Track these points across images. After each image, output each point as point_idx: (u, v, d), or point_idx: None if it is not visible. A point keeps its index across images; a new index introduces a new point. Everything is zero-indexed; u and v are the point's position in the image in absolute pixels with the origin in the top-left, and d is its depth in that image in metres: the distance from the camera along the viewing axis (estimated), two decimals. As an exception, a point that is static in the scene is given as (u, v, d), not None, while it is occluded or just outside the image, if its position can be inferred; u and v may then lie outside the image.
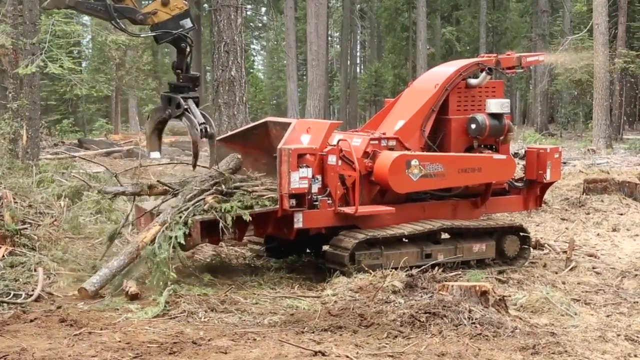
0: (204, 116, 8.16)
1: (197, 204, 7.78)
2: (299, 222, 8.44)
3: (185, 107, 8.05)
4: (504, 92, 10.51)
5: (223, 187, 8.18)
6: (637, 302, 8.48)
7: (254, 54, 60.00)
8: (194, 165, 8.58)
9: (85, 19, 24.78)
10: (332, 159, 8.64)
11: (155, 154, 8.34)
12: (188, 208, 7.77)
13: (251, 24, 53.50)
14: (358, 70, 59.77)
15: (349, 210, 8.64)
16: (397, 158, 8.73)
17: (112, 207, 10.49)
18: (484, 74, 9.80)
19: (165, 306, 7.17)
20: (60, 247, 8.83)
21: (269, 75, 62.04)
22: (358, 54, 62.39)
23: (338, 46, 55.45)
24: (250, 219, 8.07)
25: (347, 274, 8.31)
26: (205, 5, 38.26)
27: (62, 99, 30.99)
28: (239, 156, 8.84)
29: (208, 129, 8.03)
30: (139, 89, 32.06)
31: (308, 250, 10.10)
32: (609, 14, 31.75)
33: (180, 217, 7.66)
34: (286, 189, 8.15)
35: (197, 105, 8.22)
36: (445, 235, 9.69)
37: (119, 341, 6.23)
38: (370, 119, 11.54)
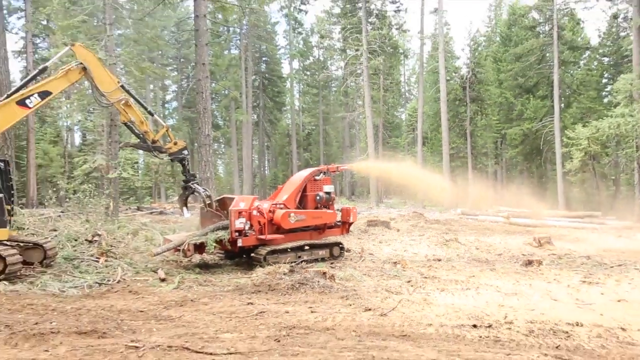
0: (205, 189, 18.54)
1: (214, 232, 18.38)
2: (239, 242, 16.61)
3: (193, 188, 19.07)
4: (330, 182, 19.12)
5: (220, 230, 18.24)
6: (390, 274, 16.26)
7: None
8: (209, 206, 18.57)
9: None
10: (255, 213, 17.00)
11: (187, 214, 19.40)
12: (212, 233, 18.22)
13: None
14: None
15: (262, 237, 16.96)
16: (285, 213, 17.38)
17: (153, 238, 21.63)
18: (322, 174, 18.53)
19: (177, 284, 14.39)
20: (129, 257, 18.88)
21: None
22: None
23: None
24: (220, 242, 17.54)
25: (262, 266, 15.88)
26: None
27: (129, 187, 62.87)
28: (222, 216, 18.36)
29: (210, 195, 18.86)
30: (165, 182, 70.50)
31: (244, 256, 18.29)
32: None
33: (211, 236, 17.91)
34: (233, 227, 16.88)
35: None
36: (307, 247, 17.74)
37: (157, 300, 12.49)
38: (270, 195, 19.14)
